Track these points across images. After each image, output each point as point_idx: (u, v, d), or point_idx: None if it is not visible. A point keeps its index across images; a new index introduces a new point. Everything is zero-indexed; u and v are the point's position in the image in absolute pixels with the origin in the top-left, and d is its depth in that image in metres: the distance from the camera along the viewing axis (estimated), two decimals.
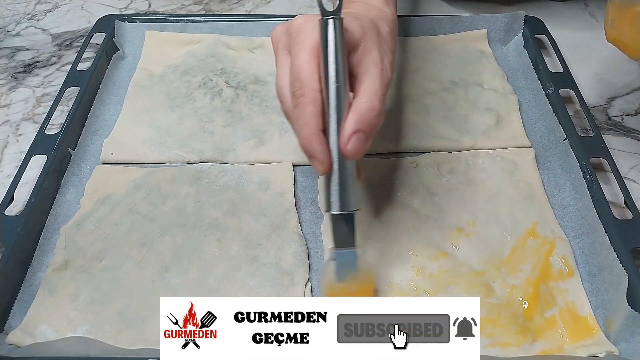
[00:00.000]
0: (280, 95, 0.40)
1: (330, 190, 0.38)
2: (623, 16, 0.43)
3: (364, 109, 0.37)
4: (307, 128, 0.36)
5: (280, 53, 0.40)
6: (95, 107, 0.57)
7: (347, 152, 0.36)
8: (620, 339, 0.39)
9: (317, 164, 0.37)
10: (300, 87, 0.37)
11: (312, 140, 0.36)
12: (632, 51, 0.44)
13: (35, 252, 0.44)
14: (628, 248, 0.42)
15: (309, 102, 0.36)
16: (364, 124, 0.36)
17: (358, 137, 0.36)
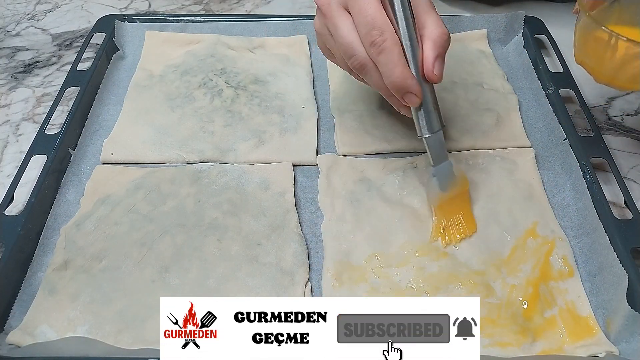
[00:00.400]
0: (349, 50, 0.42)
1: (420, 117, 0.44)
2: (587, 40, 0.43)
3: (437, 35, 0.41)
4: (399, 68, 0.40)
5: (336, 12, 0.42)
6: (95, 107, 0.57)
7: (434, 77, 0.41)
8: (620, 339, 0.39)
9: (412, 97, 0.41)
10: (381, 34, 0.40)
11: (407, 77, 0.40)
12: (596, 75, 0.45)
13: (35, 252, 0.44)
14: (628, 248, 0.42)
15: (393, 44, 0.40)
16: (440, 48, 0.41)
17: (439, 61, 0.41)
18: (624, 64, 0.42)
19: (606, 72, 0.43)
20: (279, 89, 0.59)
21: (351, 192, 0.49)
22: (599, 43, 0.42)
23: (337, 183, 0.50)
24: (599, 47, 0.42)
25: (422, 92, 0.42)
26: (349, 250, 0.45)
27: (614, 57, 0.42)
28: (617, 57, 0.42)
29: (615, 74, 0.43)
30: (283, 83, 0.60)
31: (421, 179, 0.50)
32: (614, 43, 0.41)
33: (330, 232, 0.46)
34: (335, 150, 0.54)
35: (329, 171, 0.51)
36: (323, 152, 0.53)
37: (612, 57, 0.42)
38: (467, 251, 0.45)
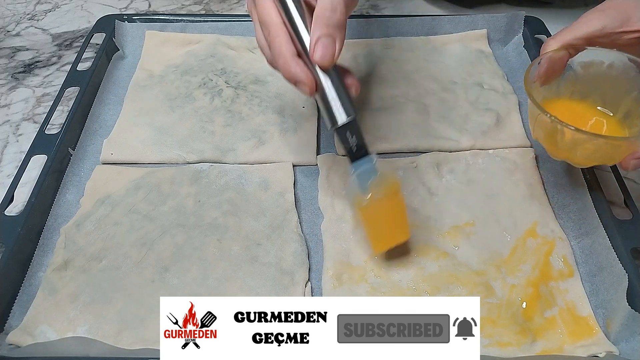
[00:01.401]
0: (260, 45, 0.42)
1: (325, 108, 0.39)
2: (537, 123, 0.43)
3: (318, 12, 0.38)
4: (282, 57, 0.38)
5: (252, 13, 0.42)
6: (95, 107, 0.57)
7: (316, 61, 0.38)
8: (620, 339, 0.39)
9: (302, 86, 0.39)
10: (266, 27, 0.39)
11: (290, 65, 0.38)
12: (552, 153, 0.45)
13: (35, 252, 0.44)
14: (628, 248, 0.42)
15: (275, 34, 0.39)
16: (323, 26, 0.38)
17: (322, 42, 0.38)
18: (574, 146, 0.41)
19: (560, 152, 0.43)
20: (279, 89, 0.59)
21: None
22: (548, 127, 0.42)
23: (337, 183, 0.50)
24: (548, 130, 0.42)
25: (324, 79, 0.38)
26: (349, 250, 0.45)
27: (563, 141, 0.41)
28: (567, 141, 0.41)
29: (568, 154, 0.43)
30: (283, 83, 0.59)
31: (421, 179, 0.50)
32: (560, 129, 0.40)
33: (330, 232, 0.46)
34: (335, 150, 0.54)
35: (329, 171, 0.51)
36: (323, 152, 0.53)
37: (562, 140, 0.41)
38: (467, 251, 0.45)
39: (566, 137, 0.41)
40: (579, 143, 0.41)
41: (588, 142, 0.41)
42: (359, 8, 0.73)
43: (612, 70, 0.45)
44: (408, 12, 0.71)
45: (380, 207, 0.41)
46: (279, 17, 0.39)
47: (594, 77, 0.46)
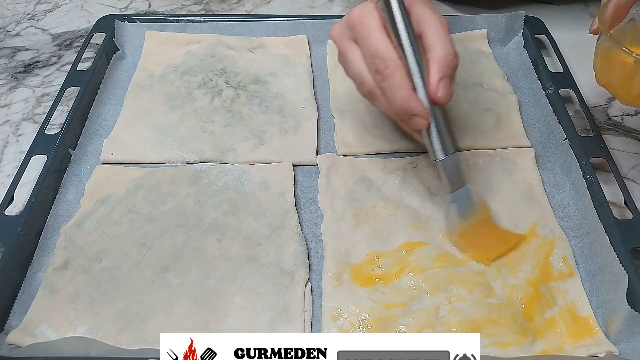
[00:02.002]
0: (358, 79, 0.44)
1: (431, 140, 0.43)
2: (610, 63, 0.43)
3: (443, 56, 0.41)
4: (401, 92, 0.41)
5: (347, 45, 0.45)
6: (95, 107, 0.57)
7: (438, 99, 0.41)
8: (620, 339, 0.39)
9: (418, 119, 0.42)
10: (383, 61, 0.41)
11: (410, 99, 0.41)
12: (621, 96, 0.44)
13: (35, 252, 0.44)
14: (628, 248, 0.42)
15: (394, 70, 0.41)
16: (445, 69, 0.41)
17: (445, 82, 0.41)
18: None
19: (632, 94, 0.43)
20: (279, 89, 0.59)
21: (351, 192, 0.49)
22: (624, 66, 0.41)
23: (337, 183, 0.50)
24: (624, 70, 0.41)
25: (432, 114, 0.42)
26: (349, 250, 0.45)
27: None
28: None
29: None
30: (283, 83, 0.60)
31: (421, 179, 0.50)
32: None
33: (330, 232, 0.46)
34: (335, 150, 0.54)
35: (329, 171, 0.51)
36: (323, 152, 0.53)
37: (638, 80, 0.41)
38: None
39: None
40: None
41: None
42: None
43: None
44: None
45: (477, 231, 0.45)
46: (395, 51, 0.41)
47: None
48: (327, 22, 0.65)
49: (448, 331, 0.40)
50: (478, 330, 0.40)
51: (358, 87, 0.45)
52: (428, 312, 0.41)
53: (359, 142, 0.54)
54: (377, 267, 0.44)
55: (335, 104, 0.58)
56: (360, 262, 0.44)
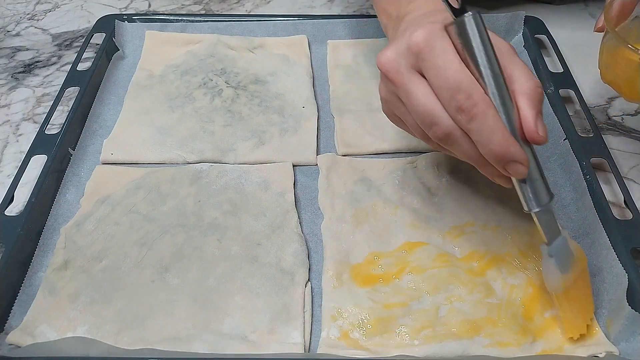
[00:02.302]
0: (429, 119, 0.36)
1: (525, 189, 0.37)
2: (616, 60, 0.42)
3: (531, 89, 0.35)
4: (498, 134, 0.34)
5: (407, 76, 0.37)
6: (95, 107, 0.57)
7: (539, 138, 0.35)
8: (620, 339, 0.39)
9: (518, 167, 0.35)
10: (469, 97, 0.34)
11: (510, 144, 0.34)
12: (626, 94, 0.44)
13: (35, 252, 0.44)
14: (628, 248, 0.42)
15: (486, 108, 0.34)
16: (538, 103, 0.35)
17: (540, 119, 0.35)
18: None
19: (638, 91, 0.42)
20: (279, 89, 0.59)
21: (351, 192, 0.49)
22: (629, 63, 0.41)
23: (337, 183, 0.50)
24: (629, 67, 0.41)
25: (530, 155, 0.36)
26: (349, 250, 0.45)
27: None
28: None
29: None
30: (283, 83, 0.60)
31: (421, 179, 0.50)
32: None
33: (330, 232, 0.46)
34: (335, 150, 0.54)
35: (329, 171, 0.51)
36: (323, 152, 0.53)
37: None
38: (467, 251, 0.45)
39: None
40: None
41: None
42: (359, 8, 0.73)
43: None
44: None
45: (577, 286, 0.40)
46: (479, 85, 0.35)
47: None
48: (327, 22, 0.65)
49: (448, 331, 0.40)
50: (478, 331, 0.40)
51: (427, 129, 0.37)
52: (428, 312, 0.41)
53: (359, 142, 0.54)
54: (377, 267, 0.44)
55: (335, 104, 0.58)
56: (360, 262, 0.44)
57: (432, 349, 0.39)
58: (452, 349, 0.39)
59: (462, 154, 0.37)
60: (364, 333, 0.40)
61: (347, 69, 0.61)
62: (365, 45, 0.64)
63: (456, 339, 0.39)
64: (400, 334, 0.40)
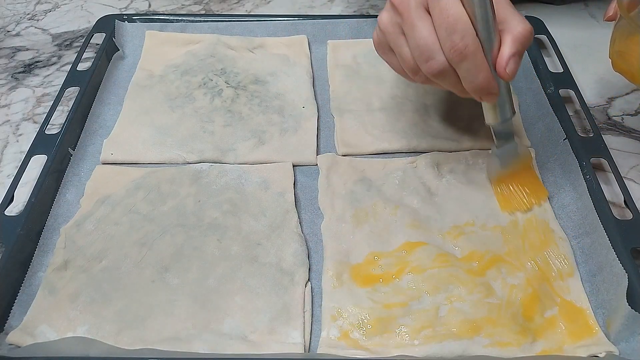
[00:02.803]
0: (426, 53, 0.40)
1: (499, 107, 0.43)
2: (630, 48, 0.42)
3: (520, 31, 0.39)
4: (483, 73, 0.40)
5: (415, 12, 0.40)
6: (95, 107, 0.57)
7: (505, 75, 0.40)
8: (620, 339, 0.39)
9: (491, 97, 0.41)
10: (462, 38, 0.38)
11: (490, 81, 0.40)
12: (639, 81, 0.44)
13: (35, 252, 0.44)
14: (628, 248, 0.42)
15: (476, 49, 0.39)
16: (520, 45, 0.40)
17: (515, 59, 0.40)
18: None
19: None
20: (279, 89, 0.59)
21: (351, 192, 0.49)
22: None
23: (337, 183, 0.50)
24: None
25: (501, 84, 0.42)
26: (349, 250, 0.45)
27: None
28: None
29: None
30: (283, 83, 0.60)
31: (421, 179, 0.50)
32: None
33: (330, 232, 0.46)
34: (335, 150, 0.54)
35: (329, 171, 0.51)
36: (323, 152, 0.53)
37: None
38: (467, 251, 0.45)
39: None
40: None
41: None
42: (359, 8, 0.73)
43: None
44: None
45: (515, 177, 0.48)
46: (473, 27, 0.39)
47: None
48: (327, 22, 0.65)
49: (448, 331, 0.40)
50: (478, 331, 0.40)
51: (423, 62, 0.41)
52: (428, 312, 0.41)
53: (359, 142, 0.54)
54: (377, 267, 0.44)
55: (335, 104, 0.58)
56: (360, 262, 0.44)
57: (432, 349, 0.39)
58: (452, 349, 0.39)
59: (447, 86, 0.42)
60: (364, 333, 0.40)
61: (347, 69, 0.61)
62: (365, 45, 0.64)
63: (456, 339, 0.39)
64: (400, 334, 0.40)
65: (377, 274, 0.44)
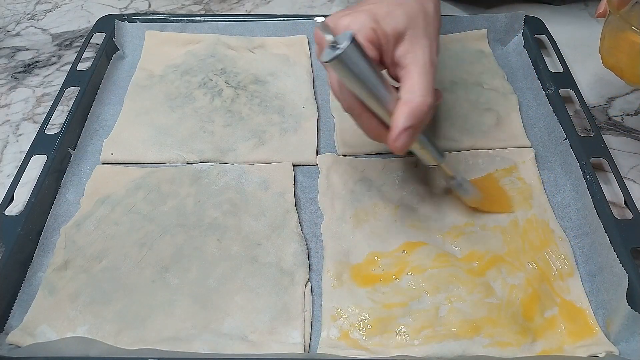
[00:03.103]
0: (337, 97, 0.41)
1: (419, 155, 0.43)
2: (619, 44, 0.43)
3: (417, 104, 0.37)
4: (372, 132, 0.41)
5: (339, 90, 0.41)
6: (95, 107, 0.57)
7: (394, 148, 0.38)
8: (620, 339, 0.40)
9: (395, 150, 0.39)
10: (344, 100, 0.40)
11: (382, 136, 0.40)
12: (629, 77, 0.44)
13: (35, 252, 0.44)
14: (628, 248, 0.42)
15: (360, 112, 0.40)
16: (414, 119, 0.37)
17: (408, 134, 0.37)
18: None
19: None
20: (279, 89, 0.59)
21: (351, 192, 0.49)
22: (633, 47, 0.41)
23: (337, 183, 0.50)
24: (633, 50, 0.41)
25: None
26: (349, 250, 0.45)
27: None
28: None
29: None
30: (283, 83, 0.60)
31: (421, 179, 0.50)
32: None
33: (330, 232, 0.46)
34: (335, 150, 0.54)
35: (329, 171, 0.51)
36: (323, 152, 0.53)
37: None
38: (467, 251, 0.45)
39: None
40: None
41: None
42: None
43: None
44: None
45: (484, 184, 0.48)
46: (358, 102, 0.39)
47: None
48: None
49: (448, 331, 0.40)
50: (478, 331, 0.40)
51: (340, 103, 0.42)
52: (428, 312, 0.41)
53: (359, 142, 0.54)
54: (377, 267, 0.44)
55: (335, 104, 0.58)
56: (360, 262, 0.44)
57: (432, 349, 0.39)
58: (452, 349, 0.39)
59: None
60: (364, 333, 0.40)
61: None
62: None
63: (456, 339, 0.39)
64: (400, 334, 0.40)
65: (377, 274, 0.44)
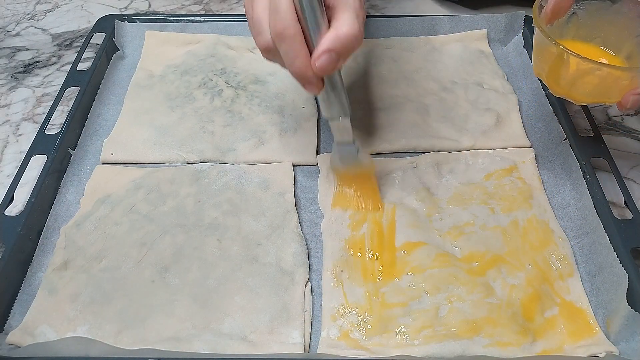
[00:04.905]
0: (257, 28, 0.41)
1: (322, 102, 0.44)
2: (542, 54, 0.44)
3: (344, 32, 0.38)
4: (300, 59, 0.39)
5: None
6: (95, 107, 0.57)
7: (314, 68, 0.39)
8: (620, 339, 0.39)
9: (312, 87, 0.41)
10: (282, 20, 0.38)
11: (307, 68, 0.39)
12: (552, 87, 0.46)
13: (35, 252, 0.44)
14: (628, 248, 0.42)
15: (294, 34, 0.38)
16: (339, 44, 0.38)
17: (329, 56, 0.39)
18: (577, 79, 0.42)
19: (562, 86, 0.44)
20: (279, 89, 0.59)
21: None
22: (553, 58, 0.43)
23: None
24: (553, 61, 0.43)
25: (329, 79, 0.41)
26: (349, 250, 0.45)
27: (567, 72, 0.42)
28: (570, 72, 0.42)
29: (570, 88, 0.44)
30: (283, 83, 0.60)
31: (421, 179, 0.50)
32: (566, 58, 0.42)
33: (330, 232, 0.46)
34: None
35: (329, 171, 0.51)
36: (323, 152, 0.53)
37: (565, 72, 0.42)
38: (467, 251, 0.45)
39: (571, 67, 0.41)
40: (582, 75, 0.41)
41: (591, 73, 0.41)
42: None
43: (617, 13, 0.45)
44: (408, 11, 0.71)
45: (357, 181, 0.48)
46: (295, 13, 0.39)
47: (598, 19, 0.46)
48: None
49: (448, 331, 0.40)
50: (478, 331, 0.40)
51: (255, 37, 0.42)
52: (428, 312, 0.41)
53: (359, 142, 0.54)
54: (377, 267, 0.44)
55: None
56: (360, 262, 0.44)
57: (432, 349, 0.39)
58: (452, 349, 0.39)
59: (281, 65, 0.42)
60: (364, 333, 0.40)
61: (347, 69, 0.61)
62: (364, 45, 0.64)
63: (456, 339, 0.39)
64: (400, 334, 0.40)
65: (377, 274, 0.44)
